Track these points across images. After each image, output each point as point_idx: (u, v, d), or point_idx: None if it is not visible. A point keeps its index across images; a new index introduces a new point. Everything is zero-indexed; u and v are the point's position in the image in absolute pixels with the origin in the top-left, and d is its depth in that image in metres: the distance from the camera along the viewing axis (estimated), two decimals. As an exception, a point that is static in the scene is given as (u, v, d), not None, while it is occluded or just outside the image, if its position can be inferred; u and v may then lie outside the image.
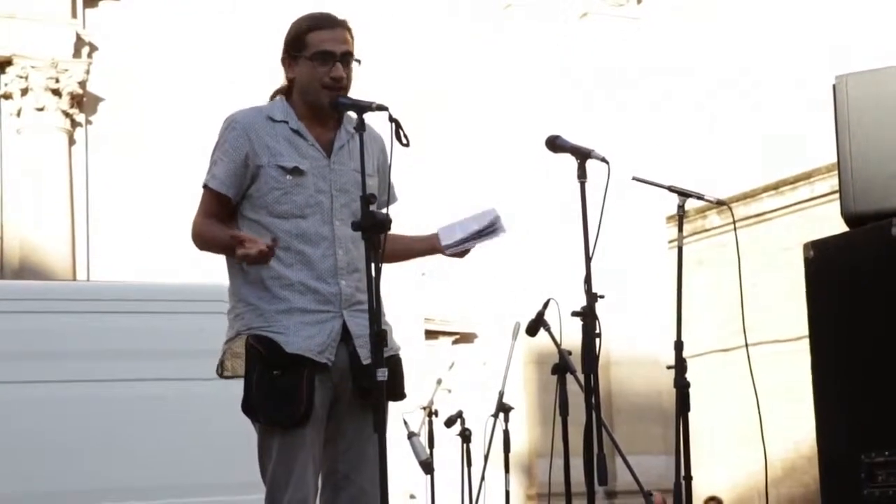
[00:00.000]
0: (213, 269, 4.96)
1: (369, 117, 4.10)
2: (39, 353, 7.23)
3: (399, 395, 4.23)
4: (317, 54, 4.16)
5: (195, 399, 7.30)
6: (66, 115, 13.64)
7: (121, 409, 7.30)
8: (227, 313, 4.24)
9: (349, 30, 4.24)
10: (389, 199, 4.35)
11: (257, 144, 4.17)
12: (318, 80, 4.17)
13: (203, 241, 4.23)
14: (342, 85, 4.18)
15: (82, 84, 13.70)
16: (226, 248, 4.15)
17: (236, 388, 4.22)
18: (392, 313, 4.29)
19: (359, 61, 4.22)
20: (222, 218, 4.22)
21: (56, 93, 13.52)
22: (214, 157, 4.24)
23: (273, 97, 4.33)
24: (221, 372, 4.23)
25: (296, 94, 4.25)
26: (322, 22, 4.21)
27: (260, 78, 4.44)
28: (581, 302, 4.68)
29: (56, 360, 7.25)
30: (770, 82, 17.61)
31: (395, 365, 4.19)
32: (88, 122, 13.92)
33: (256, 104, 4.35)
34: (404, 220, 4.45)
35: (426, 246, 4.38)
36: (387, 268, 3.96)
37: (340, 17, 4.27)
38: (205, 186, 4.25)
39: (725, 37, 17.48)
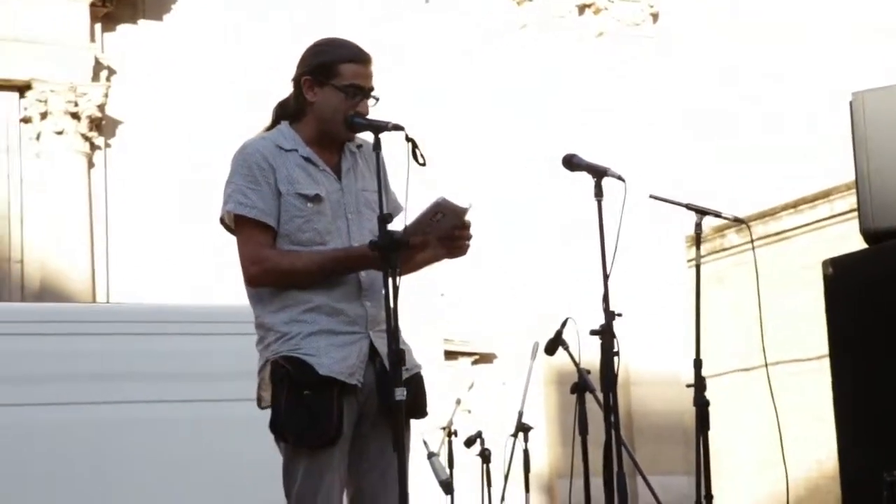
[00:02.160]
0: (231, 292, 4.92)
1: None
2: (59, 375, 7.25)
3: (421, 412, 4.21)
4: (349, 87, 4.18)
5: (218, 421, 7.30)
6: (86, 138, 13.68)
7: (143, 430, 7.32)
8: (256, 345, 4.21)
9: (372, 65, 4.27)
10: (396, 208, 4.33)
11: (279, 172, 4.17)
12: (343, 111, 4.18)
13: (299, 273, 4.11)
14: None
15: (101, 107, 13.74)
16: (352, 265, 4.10)
17: (259, 410, 4.21)
18: (411, 334, 4.27)
19: (377, 99, 4.24)
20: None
21: (75, 116, 13.57)
22: (237, 185, 4.16)
23: (274, 120, 4.31)
24: (260, 403, 4.21)
25: (311, 118, 4.24)
26: (357, 55, 4.23)
27: (278, 99, 4.41)
28: (599, 320, 4.67)
29: (76, 383, 7.27)
30: (789, 100, 17.57)
31: (417, 382, 4.19)
32: (107, 144, 13.96)
33: (260, 131, 4.31)
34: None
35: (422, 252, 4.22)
36: (405, 289, 3.97)
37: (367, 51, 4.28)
38: (243, 218, 4.14)
39: (744, 53, 17.46)
